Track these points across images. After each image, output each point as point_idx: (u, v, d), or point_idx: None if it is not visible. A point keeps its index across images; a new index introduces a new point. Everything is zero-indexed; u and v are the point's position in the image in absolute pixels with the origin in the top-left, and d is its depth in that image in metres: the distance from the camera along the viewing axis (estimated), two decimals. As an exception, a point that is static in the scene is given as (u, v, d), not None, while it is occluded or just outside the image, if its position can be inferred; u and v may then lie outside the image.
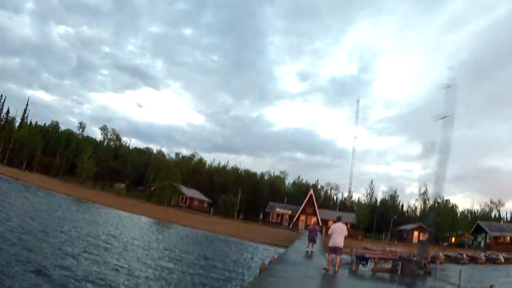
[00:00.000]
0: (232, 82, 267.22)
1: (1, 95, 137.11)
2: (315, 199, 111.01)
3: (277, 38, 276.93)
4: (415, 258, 24.30)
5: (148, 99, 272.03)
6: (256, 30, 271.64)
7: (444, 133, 27.31)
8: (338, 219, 21.23)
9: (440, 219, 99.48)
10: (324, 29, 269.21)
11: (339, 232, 19.84)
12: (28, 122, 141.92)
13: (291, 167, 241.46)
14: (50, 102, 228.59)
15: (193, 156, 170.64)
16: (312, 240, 30.76)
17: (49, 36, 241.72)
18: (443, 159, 27.49)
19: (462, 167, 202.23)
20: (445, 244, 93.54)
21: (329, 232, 20.63)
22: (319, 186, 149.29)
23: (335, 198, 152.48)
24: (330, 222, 22.82)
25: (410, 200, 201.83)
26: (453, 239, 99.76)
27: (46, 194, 73.29)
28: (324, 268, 19.87)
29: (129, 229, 48.87)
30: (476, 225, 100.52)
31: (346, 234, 20.19)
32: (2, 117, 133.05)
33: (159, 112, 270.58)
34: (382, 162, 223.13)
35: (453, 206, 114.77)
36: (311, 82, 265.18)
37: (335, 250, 19.76)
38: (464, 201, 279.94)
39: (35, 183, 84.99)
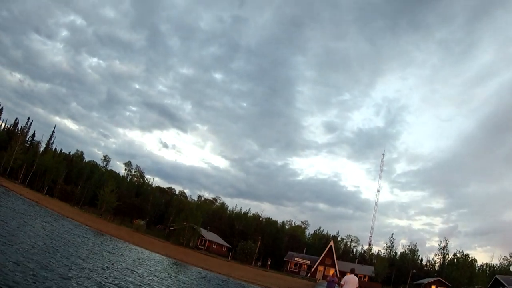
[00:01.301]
0: (259, 129, 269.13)
1: (28, 118, 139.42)
2: (335, 251, 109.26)
3: (306, 88, 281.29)
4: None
5: (175, 140, 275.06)
6: (286, 78, 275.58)
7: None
8: (352, 271, 22.87)
9: (458, 274, 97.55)
10: (353, 81, 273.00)
11: (351, 283, 21.15)
12: (53, 148, 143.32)
13: (312, 217, 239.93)
14: (76, 132, 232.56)
15: (215, 200, 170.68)
16: (330, 291, 30.64)
17: (81, 66, 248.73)
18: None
19: (484, 221, 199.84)
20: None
21: (342, 282, 22.10)
22: (339, 238, 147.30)
23: (354, 250, 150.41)
24: (349, 274, 22.52)
25: (429, 254, 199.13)
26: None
27: (66, 221, 72.70)
28: None
29: (148, 266, 47.73)
30: (494, 279, 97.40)
31: (357, 285, 21.49)
32: (27, 139, 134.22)
33: (184, 153, 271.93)
34: (403, 216, 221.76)
35: (472, 260, 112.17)
36: (337, 134, 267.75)
37: None
38: (484, 255, 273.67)
39: (54, 209, 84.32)
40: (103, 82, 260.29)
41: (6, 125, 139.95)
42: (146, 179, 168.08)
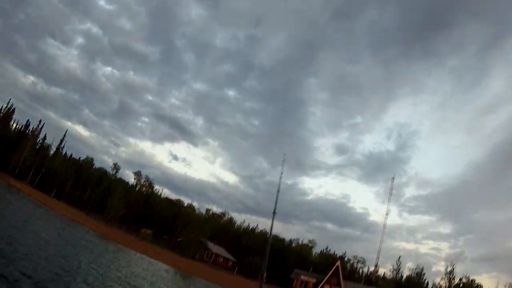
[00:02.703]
0: (270, 148, 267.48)
1: (40, 121, 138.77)
2: (341, 271, 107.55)
3: (318, 110, 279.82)
4: None
5: (185, 153, 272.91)
6: (299, 99, 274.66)
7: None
8: None
9: None
10: (365, 105, 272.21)
11: None
12: (63, 153, 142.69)
13: (319, 237, 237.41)
14: (87, 138, 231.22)
15: (223, 214, 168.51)
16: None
17: (94, 74, 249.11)
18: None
19: (490, 247, 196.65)
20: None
21: None
22: (346, 259, 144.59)
23: (361, 271, 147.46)
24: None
25: (435, 278, 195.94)
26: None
27: (72, 225, 71.95)
28: None
29: (154, 276, 46.63)
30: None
31: None
32: (38, 142, 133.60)
33: (194, 167, 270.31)
34: (411, 239, 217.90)
35: (478, 286, 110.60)
36: (348, 156, 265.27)
37: None
38: (490, 281, 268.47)
39: (61, 212, 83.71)
40: (116, 92, 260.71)
41: (18, 126, 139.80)
42: (155, 189, 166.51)
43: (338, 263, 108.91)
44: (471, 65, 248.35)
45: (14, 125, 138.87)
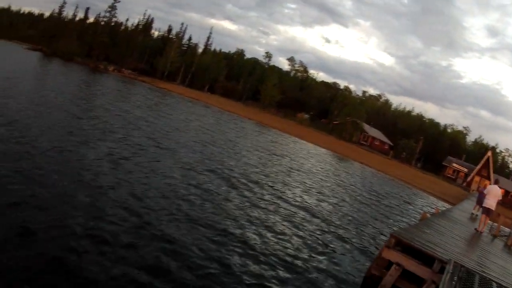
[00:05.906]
0: (421, 27, 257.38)
1: (182, 24, 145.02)
2: (492, 163, 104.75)
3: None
4: None
5: (337, 35, 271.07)
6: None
7: None
8: (496, 182, 21.52)
9: None
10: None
11: (493, 195, 19.96)
12: (212, 49, 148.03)
13: (473, 124, 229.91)
14: (234, 32, 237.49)
15: (379, 96, 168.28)
16: (480, 203, 27.54)
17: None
18: None
19: None
20: None
21: (484, 192, 21.73)
22: (497, 150, 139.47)
23: (511, 166, 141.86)
24: (492, 185, 21.34)
25: None
26: None
27: (230, 116, 77.15)
28: (475, 229, 20.35)
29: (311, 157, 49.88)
30: None
31: (500, 198, 20.36)
32: (183, 43, 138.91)
33: (347, 49, 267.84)
34: None
35: None
36: (499, 39, 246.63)
37: (486, 211, 19.87)
38: None
39: (215, 105, 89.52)
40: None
41: (160, 33, 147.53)
42: (310, 74, 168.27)
43: (490, 153, 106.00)
44: None
45: (156, 33, 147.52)
